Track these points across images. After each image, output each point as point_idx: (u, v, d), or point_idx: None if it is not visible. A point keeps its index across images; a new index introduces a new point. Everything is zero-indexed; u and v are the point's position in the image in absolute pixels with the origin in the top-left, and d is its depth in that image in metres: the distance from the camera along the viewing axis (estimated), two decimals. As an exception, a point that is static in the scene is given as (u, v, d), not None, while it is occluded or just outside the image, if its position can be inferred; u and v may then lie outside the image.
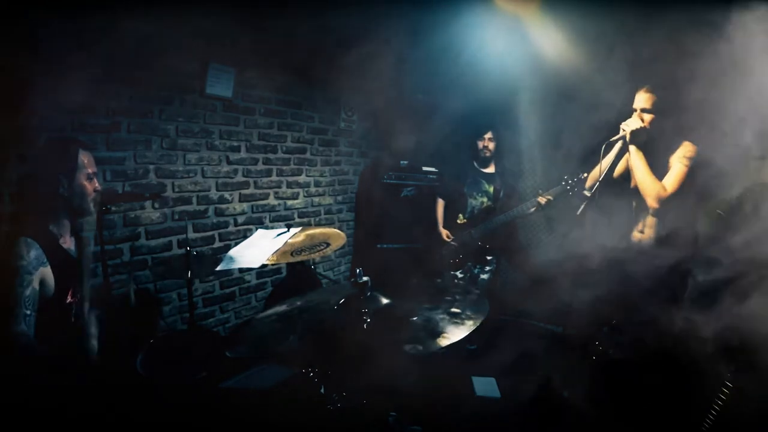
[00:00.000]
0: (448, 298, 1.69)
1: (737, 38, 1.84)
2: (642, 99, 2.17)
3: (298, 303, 1.75)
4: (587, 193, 2.22)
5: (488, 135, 3.23)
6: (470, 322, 1.49)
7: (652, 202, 2.14)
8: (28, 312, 1.42)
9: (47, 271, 1.47)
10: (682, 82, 2.02)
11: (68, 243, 1.61)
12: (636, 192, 2.26)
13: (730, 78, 1.88)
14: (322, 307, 1.68)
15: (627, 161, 2.30)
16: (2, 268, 1.41)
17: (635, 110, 2.20)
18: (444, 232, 3.35)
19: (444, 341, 1.40)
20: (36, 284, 1.44)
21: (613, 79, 2.46)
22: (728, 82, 1.89)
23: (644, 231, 2.28)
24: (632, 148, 2.19)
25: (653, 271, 2.03)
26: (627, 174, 2.32)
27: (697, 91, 1.96)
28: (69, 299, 1.56)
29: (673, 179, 2.12)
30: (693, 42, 1.96)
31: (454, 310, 1.60)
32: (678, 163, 2.14)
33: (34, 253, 1.44)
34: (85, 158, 1.59)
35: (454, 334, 1.44)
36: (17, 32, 1.84)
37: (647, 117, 2.15)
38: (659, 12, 2.24)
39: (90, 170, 1.60)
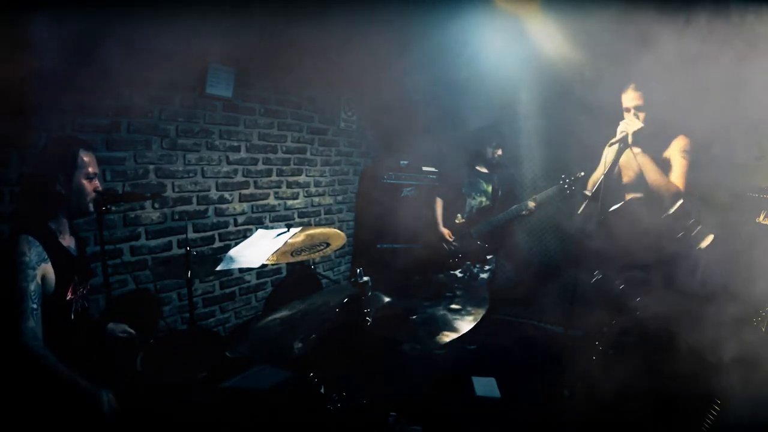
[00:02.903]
0: (449, 294, 1.69)
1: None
2: (631, 97, 2.16)
3: (301, 307, 1.75)
4: (588, 193, 2.22)
5: (498, 150, 3.23)
6: (470, 317, 1.49)
7: (668, 202, 2.13)
8: (35, 306, 1.43)
9: (48, 268, 1.48)
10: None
11: (68, 241, 1.61)
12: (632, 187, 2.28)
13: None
14: (324, 310, 1.68)
15: (628, 159, 2.30)
16: (3, 266, 1.41)
17: (627, 110, 2.18)
18: (446, 232, 3.34)
19: (445, 338, 1.41)
20: (39, 279, 1.45)
21: (612, 77, 2.46)
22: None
23: None
24: (637, 150, 2.18)
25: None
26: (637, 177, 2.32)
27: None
28: (69, 296, 1.56)
29: (680, 176, 2.11)
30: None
31: (454, 306, 1.60)
32: (679, 158, 2.12)
33: (35, 249, 1.44)
34: (87, 158, 1.59)
35: (456, 330, 1.44)
36: (18, 32, 1.84)
37: (642, 115, 2.15)
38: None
39: (91, 170, 1.59)
